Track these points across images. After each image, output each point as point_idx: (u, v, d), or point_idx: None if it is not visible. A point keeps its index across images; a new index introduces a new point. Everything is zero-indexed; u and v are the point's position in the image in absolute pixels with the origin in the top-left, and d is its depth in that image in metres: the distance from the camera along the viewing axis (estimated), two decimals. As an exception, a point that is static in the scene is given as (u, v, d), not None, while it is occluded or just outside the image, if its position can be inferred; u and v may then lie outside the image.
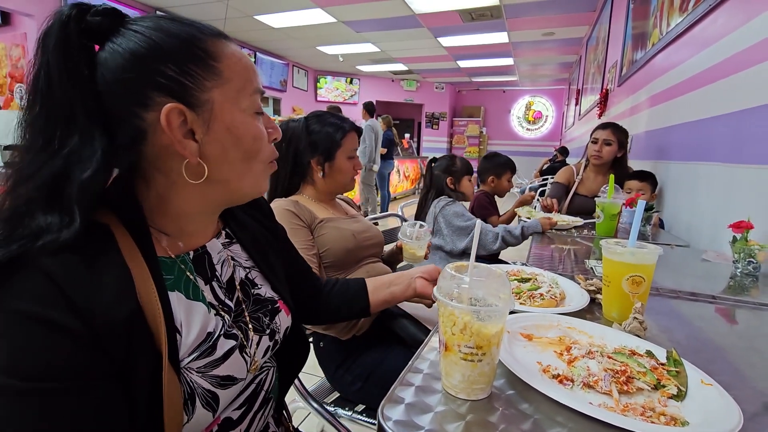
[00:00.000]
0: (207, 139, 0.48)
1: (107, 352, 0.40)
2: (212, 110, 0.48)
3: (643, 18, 2.83)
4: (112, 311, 0.41)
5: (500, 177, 2.30)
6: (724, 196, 1.44)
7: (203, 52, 0.48)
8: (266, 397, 0.62)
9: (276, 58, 8.48)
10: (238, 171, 0.52)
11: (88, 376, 0.39)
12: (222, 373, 0.50)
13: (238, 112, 0.50)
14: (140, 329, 0.43)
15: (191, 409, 0.47)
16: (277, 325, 0.62)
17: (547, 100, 10.79)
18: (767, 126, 1.20)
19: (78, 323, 0.38)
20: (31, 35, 4.61)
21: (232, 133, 0.50)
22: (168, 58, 0.46)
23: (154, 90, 0.46)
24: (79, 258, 0.41)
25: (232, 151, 0.50)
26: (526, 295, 0.81)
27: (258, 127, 0.52)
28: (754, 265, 1.08)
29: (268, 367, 0.63)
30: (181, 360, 0.47)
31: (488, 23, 5.80)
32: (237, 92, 0.50)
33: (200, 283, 0.53)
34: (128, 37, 0.46)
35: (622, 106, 3.34)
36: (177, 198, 0.51)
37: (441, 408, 0.48)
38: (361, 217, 1.29)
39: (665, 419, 0.46)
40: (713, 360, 0.62)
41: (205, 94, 0.48)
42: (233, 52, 0.51)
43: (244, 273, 0.62)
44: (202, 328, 0.50)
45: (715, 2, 1.59)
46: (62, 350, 0.38)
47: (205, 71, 0.48)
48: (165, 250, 0.52)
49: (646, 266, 0.71)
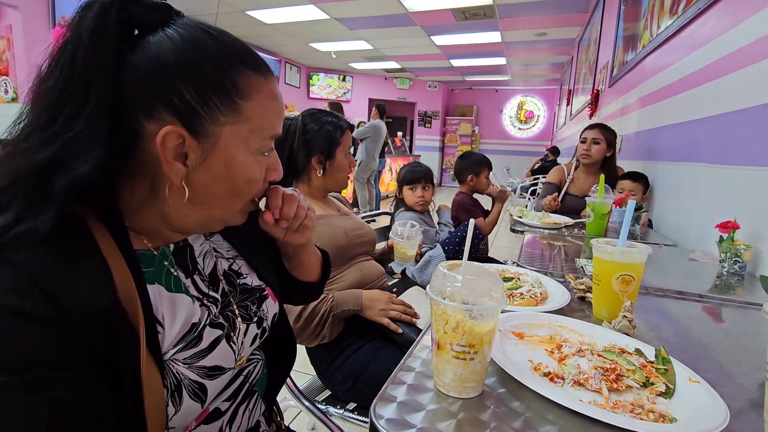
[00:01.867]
0: (200, 168, 0.46)
1: (87, 344, 0.39)
2: (216, 143, 0.46)
3: (634, 20, 2.86)
4: (89, 303, 0.39)
5: (479, 175, 2.28)
6: (712, 196, 1.46)
7: (232, 86, 0.46)
8: (250, 390, 0.61)
9: (268, 55, 8.40)
10: (220, 203, 0.50)
11: (70, 367, 0.38)
12: (209, 364, 0.50)
13: (243, 152, 0.48)
14: (119, 322, 0.42)
15: (179, 401, 0.46)
16: (265, 312, 0.61)
17: (539, 100, 10.86)
18: (754, 128, 1.22)
19: (54, 313, 0.37)
20: (17, 27, 4.50)
21: (227, 169, 0.47)
22: (191, 81, 0.44)
23: (163, 105, 0.44)
24: (54, 250, 0.39)
25: (221, 185, 0.48)
26: (506, 294, 0.82)
27: (256, 171, 0.50)
28: (740, 265, 1.10)
29: (255, 359, 0.63)
30: (165, 352, 0.46)
31: (481, 22, 5.81)
32: (251, 132, 0.48)
33: (181, 276, 0.52)
34: (163, 41, 0.44)
35: (613, 107, 3.37)
36: (153, 206, 0.49)
37: (433, 406, 0.48)
38: (353, 215, 1.28)
39: (654, 416, 0.46)
40: (700, 358, 0.63)
41: (216, 127, 0.46)
42: (267, 93, 0.49)
43: (227, 264, 0.61)
44: (186, 319, 0.49)
45: (705, 5, 1.61)
46: (41, 341, 0.37)
47: (225, 106, 0.45)
48: (144, 243, 0.50)
49: (636, 265, 0.72)
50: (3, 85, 4.60)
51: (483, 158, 2.32)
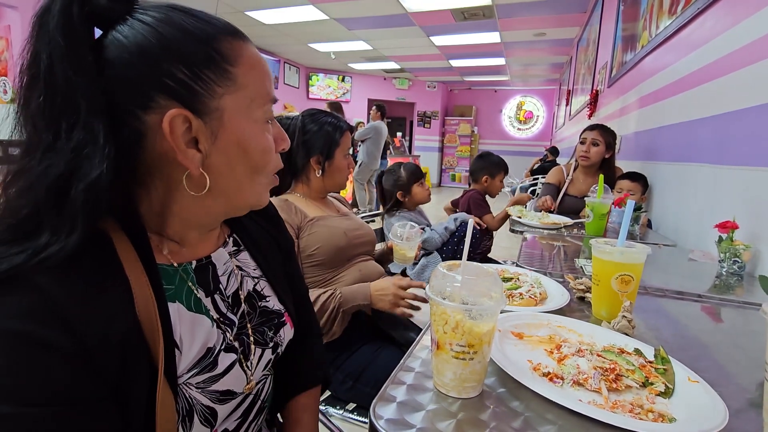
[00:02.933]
0: (212, 149, 0.45)
1: (101, 374, 0.38)
2: (221, 119, 0.45)
3: (632, 20, 2.87)
4: (108, 329, 0.38)
5: (494, 177, 2.30)
6: (711, 196, 1.46)
7: (219, 55, 0.44)
8: (262, 407, 0.60)
9: (267, 55, 8.40)
10: (241, 184, 0.48)
11: (80, 399, 0.37)
12: (221, 388, 0.48)
13: (248, 122, 0.47)
14: (137, 345, 0.40)
15: (189, 426, 0.45)
16: (281, 338, 0.60)
17: (538, 101, 10.87)
18: (753, 128, 1.23)
19: (71, 343, 0.36)
20: (15, 27, 4.50)
21: (240, 146, 0.46)
22: (181, 60, 0.42)
23: (158, 92, 0.42)
24: (76, 270, 0.38)
25: (239, 164, 0.47)
26: (505, 294, 0.82)
27: (268, 140, 0.49)
28: (739, 265, 1.10)
29: (265, 376, 0.61)
30: (179, 376, 0.45)
31: (480, 23, 5.82)
32: (250, 101, 0.46)
33: (202, 296, 0.51)
34: (136, 29, 0.41)
35: (612, 107, 3.38)
36: (176, 207, 0.47)
37: (432, 406, 0.48)
38: (353, 215, 1.28)
39: (653, 416, 0.47)
40: (699, 357, 0.63)
41: (216, 101, 0.44)
42: (251, 55, 0.47)
43: (252, 284, 0.59)
44: (203, 342, 0.48)
45: (704, 5, 1.61)
46: (54, 371, 0.36)
47: (219, 76, 0.44)
48: (167, 258, 0.49)
49: (635, 265, 0.72)
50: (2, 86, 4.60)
51: (501, 161, 2.34)
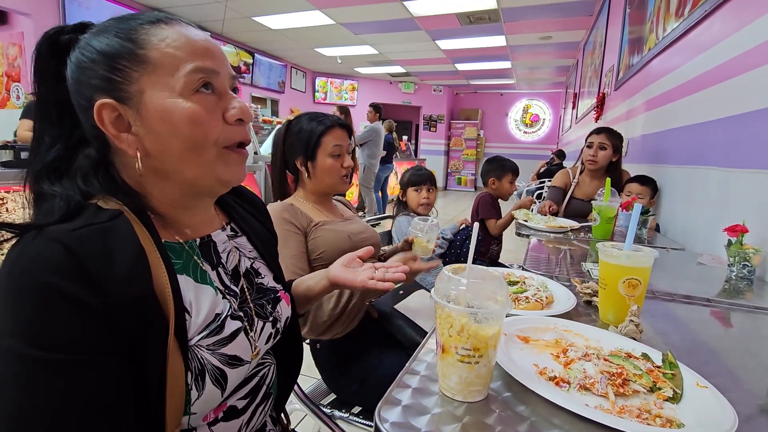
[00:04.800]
0: (143, 131, 0.48)
1: (119, 330, 0.42)
2: (142, 100, 0.48)
3: (639, 23, 2.85)
4: (126, 289, 0.42)
5: (501, 179, 2.29)
6: (720, 199, 1.45)
7: (132, 43, 0.48)
8: (267, 392, 0.64)
9: (274, 60, 8.47)
10: (186, 161, 0.49)
11: (99, 351, 0.41)
12: (230, 352, 0.52)
13: (169, 95, 0.48)
14: (151, 309, 0.45)
15: (201, 385, 0.49)
16: (279, 314, 0.64)
17: (544, 104, 10.84)
18: (762, 130, 1.21)
19: (94, 298, 0.40)
20: (28, 34, 4.59)
21: (164, 120, 0.48)
22: (100, 59, 0.48)
23: (92, 92, 0.48)
24: (97, 233, 0.43)
25: (171, 139, 0.48)
26: (511, 298, 0.81)
27: (195, 109, 0.48)
28: (749, 269, 1.09)
29: (268, 363, 0.65)
30: (190, 339, 0.49)
31: (486, 27, 5.83)
32: (169, 75, 0.48)
33: (207, 268, 0.55)
34: (78, 48, 0.49)
35: (619, 110, 3.36)
36: (151, 188, 0.52)
37: (438, 410, 0.48)
38: (358, 219, 1.29)
39: (661, 421, 0.46)
40: (708, 362, 0.63)
41: (134, 85, 0.48)
42: (167, 35, 0.49)
43: (249, 262, 0.64)
44: (210, 309, 0.52)
45: (711, 8, 1.60)
46: (78, 323, 0.40)
47: (132, 62, 0.47)
48: (173, 236, 0.53)
49: (642, 269, 0.71)
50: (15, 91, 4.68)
51: (507, 163, 2.32)
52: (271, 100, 8.77)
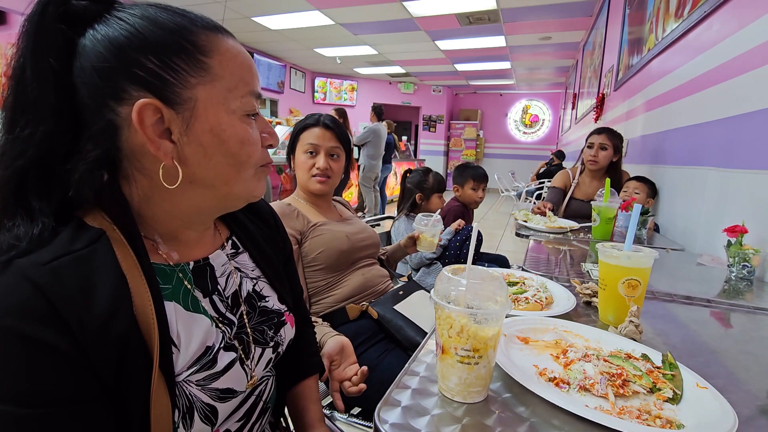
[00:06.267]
0: (186, 140, 0.45)
1: (96, 373, 0.38)
2: (194, 109, 0.44)
3: (639, 23, 2.86)
4: (105, 327, 0.38)
5: (463, 186, 2.20)
6: (719, 200, 1.45)
7: (192, 45, 0.44)
8: (264, 408, 0.61)
9: (273, 60, 8.47)
10: (224, 176, 0.48)
11: (76, 399, 0.37)
12: (222, 386, 0.49)
13: (225, 113, 0.46)
14: (134, 343, 0.40)
15: (189, 424, 0.45)
16: (282, 338, 0.60)
17: (543, 104, 10.84)
18: (761, 131, 1.21)
19: (66, 342, 0.36)
20: (28, 34, 4.58)
21: (216, 136, 0.46)
22: (150, 50, 0.42)
23: (130, 83, 0.42)
24: (72, 265, 0.39)
25: (216, 155, 0.46)
26: (511, 299, 0.81)
27: (247, 131, 0.48)
28: (749, 269, 1.09)
29: (267, 377, 0.62)
30: (178, 374, 0.45)
31: (486, 27, 5.83)
32: (227, 91, 0.46)
33: (199, 296, 0.51)
34: (110, 25, 0.43)
35: (618, 111, 3.36)
36: (162, 201, 0.47)
37: (437, 411, 0.48)
38: (357, 219, 1.29)
39: (661, 422, 0.46)
40: (708, 363, 0.63)
41: (188, 91, 0.44)
42: (229, 48, 0.47)
43: (251, 284, 0.59)
44: (202, 341, 0.48)
45: (710, 9, 1.60)
46: (47, 372, 0.36)
47: (191, 66, 0.44)
48: (163, 258, 0.49)
49: (642, 270, 0.71)
50: (13, 92, 4.67)
51: (469, 170, 2.23)
52: (270, 101, 8.78)
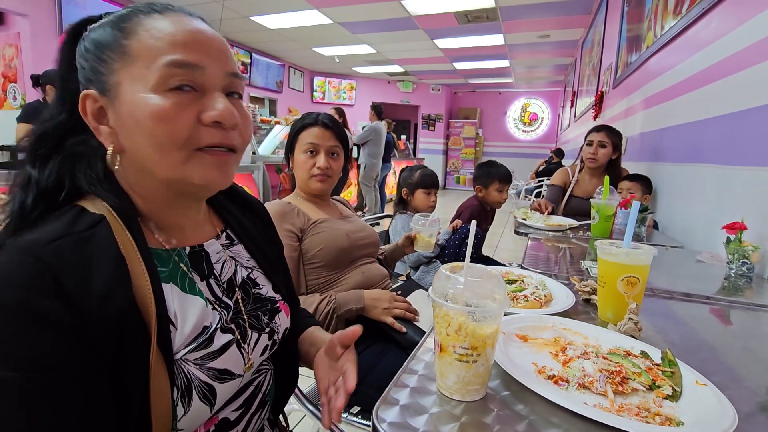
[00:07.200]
0: (117, 123, 0.47)
1: (96, 347, 0.40)
2: (118, 92, 0.46)
3: (637, 21, 2.85)
4: (105, 304, 0.40)
5: (487, 187, 2.15)
6: (718, 197, 1.45)
7: (120, 32, 0.46)
8: (263, 400, 0.62)
9: (272, 59, 8.46)
10: (150, 159, 0.46)
11: (76, 369, 0.39)
12: (219, 366, 0.50)
13: (141, 92, 0.45)
14: (133, 321, 0.42)
15: (188, 401, 0.46)
16: (277, 325, 0.62)
17: (542, 102, 10.84)
18: (760, 127, 1.21)
19: (69, 315, 0.38)
20: (25, 35, 4.56)
21: (132, 116, 0.45)
22: (93, 49, 0.47)
23: (83, 81, 0.48)
24: (75, 246, 0.41)
25: (137, 135, 0.46)
26: (510, 297, 0.81)
27: (161, 107, 0.44)
28: (748, 266, 1.09)
29: (265, 369, 0.63)
30: (176, 352, 0.46)
31: (484, 25, 5.82)
32: (145, 69, 0.45)
33: (196, 279, 0.53)
34: (83, 38, 0.49)
35: (617, 108, 3.36)
36: (137, 185, 0.50)
37: (436, 409, 0.48)
38: (356, 218, 1.28)
39: (660, 419, 0.46)
40: (708, 360, 0.62)
41: (114, 76, 0.46)
42: (155, 25, 0.46)
43: (246, 272, 0.61)
44: (198, 320, 0.49)
45: (708, 6, 1.60)
46: (50, 342, 0.37)
47: (116, 52, 0.46)
48: (160, 243, 0.51)
49: (641, 267, 0.71)
50: (12, 92, 4.66)
51: (494, 170, 2.16)
52: (269, 100, 8.76)
